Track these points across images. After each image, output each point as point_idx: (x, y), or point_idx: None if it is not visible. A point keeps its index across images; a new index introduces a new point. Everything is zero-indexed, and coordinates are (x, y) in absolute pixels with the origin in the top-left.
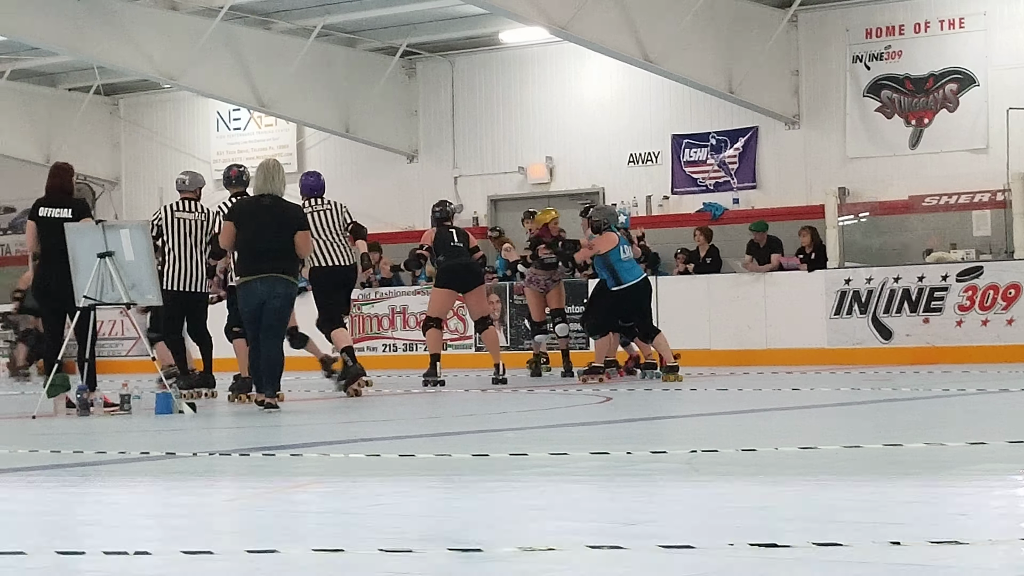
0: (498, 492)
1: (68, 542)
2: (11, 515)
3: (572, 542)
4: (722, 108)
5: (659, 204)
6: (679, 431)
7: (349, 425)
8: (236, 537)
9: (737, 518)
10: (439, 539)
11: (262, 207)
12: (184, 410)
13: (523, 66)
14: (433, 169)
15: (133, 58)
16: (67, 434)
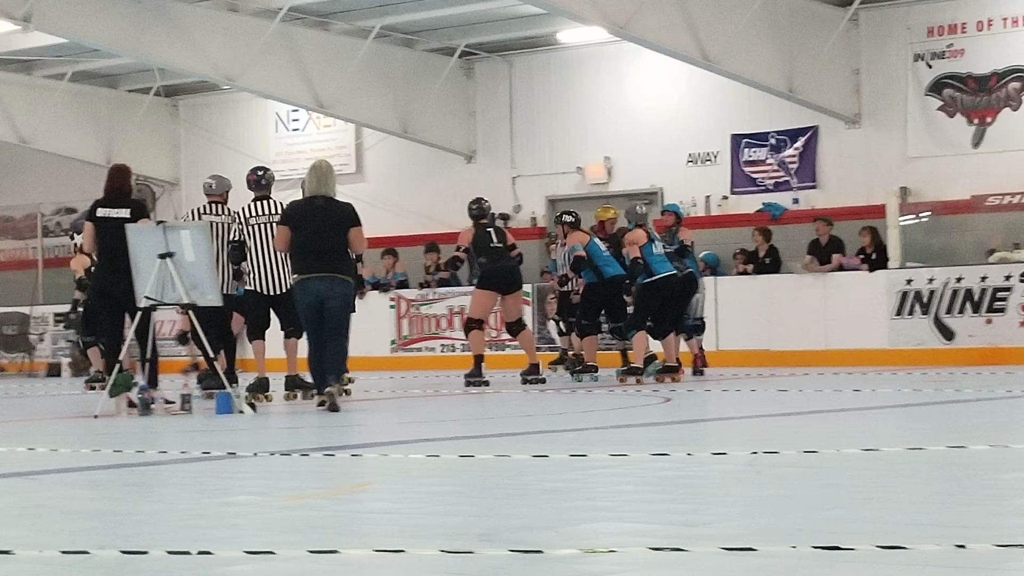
0: (558, 493)
1: (131, 541)
2: (75, 514)
3: (633, 544)
4: (782, 107)
5: (718, 204)
6: (740, 433)
7: (408, 426)
8: (297, 537)
9: (799, 520)
10: (500, 540)
11: (315, 208)
12: (244, 410)
13: (581, 66)
14: (491, 169)
15: (193, 60)
16: (129, 434)
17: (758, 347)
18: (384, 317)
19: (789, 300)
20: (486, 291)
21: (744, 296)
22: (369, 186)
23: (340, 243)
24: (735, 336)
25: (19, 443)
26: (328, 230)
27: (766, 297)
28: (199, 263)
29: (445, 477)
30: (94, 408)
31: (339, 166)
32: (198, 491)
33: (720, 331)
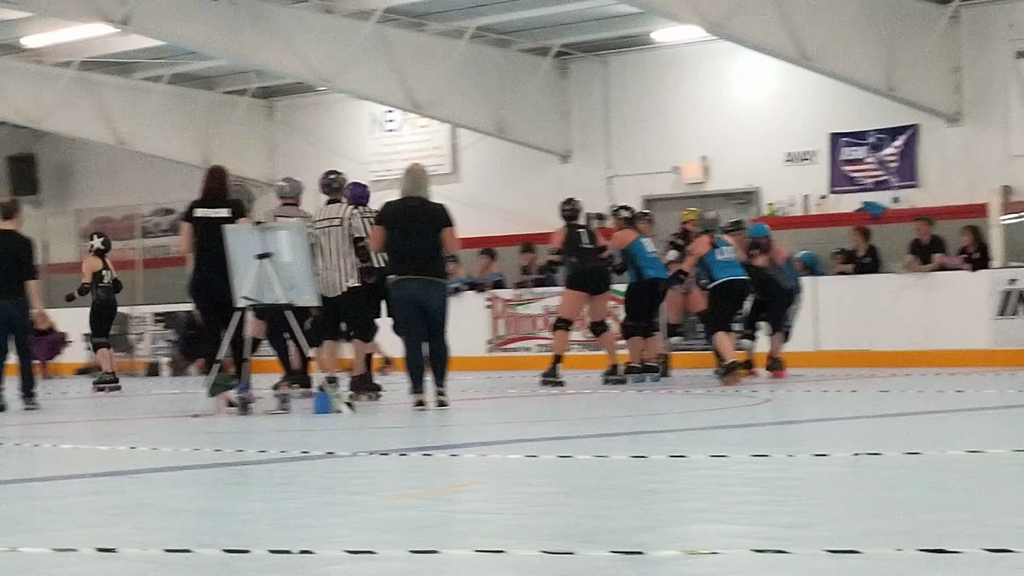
0: (659, 494)
1: (233, 540)
2: (177, 513)
3: (736, 545)
4: (881, 105)
5: (816, 204)
6: (841, 434)
7: (505, 426)
8: (398, 537)
9: (904, 522)
10: (601, 541)
11: (410, 209)
12: (342, 410)
13: (677, 65)
14: (586, 169)
15: (289, 61)
16: (229, 433)
17: (858, 347)
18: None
19: (889, 300)
20: (576, 291)
21: (843, 296)
22: (464, 187)
23: (434, 244)
24: (835, 336)
25: (121, 442)
26: (422, 231)
27: (866, 297)
28: (296, 263)
29: (545, 478)
30: (194, 407)
31: (434, 167)
32: (298, 490)
33: (819, 331)
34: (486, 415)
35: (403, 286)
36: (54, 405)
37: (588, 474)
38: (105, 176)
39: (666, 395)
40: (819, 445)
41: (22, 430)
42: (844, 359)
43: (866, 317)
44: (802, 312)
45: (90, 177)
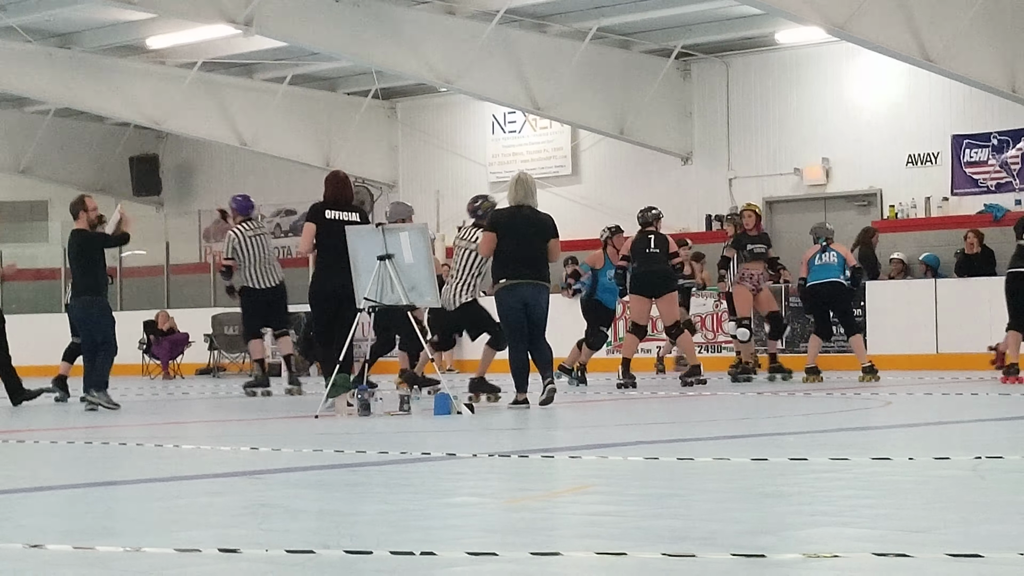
0: (780, 497)
1: (355, 541)
2: (299, 513)
3: (857, 549)
4: (1004, 107)
5: (938, 205)
6: (962, 436)
7: (625, 428)
8: (519, 538)
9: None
10: (722, 544)
11: (523, 217)
12: (462, 411)
13: (799, 66)
14: (707, 171)
15: (411, 62)
16: (349, 434)
17: (979, 350)
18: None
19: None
20: (636, 296)
21: (962, 298)
22: (585, 188)
23: (543, 251)
24: (955, 338)
25: (242, 442)
26: (534, 238)
27: (986, 299)
28: (417, 265)
29: (665, 480)
30: (315, 408)
31: (555, 168)
32: (419, 492)
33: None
34: (605, 417)
35: (515, 289)
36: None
37: (709, 476)
38: (227, 177)
39: (785, 396)
40: (940, 448)
41: (144, 431)
42: (964, 361)
43: (988, 320)
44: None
45: (212, 178)
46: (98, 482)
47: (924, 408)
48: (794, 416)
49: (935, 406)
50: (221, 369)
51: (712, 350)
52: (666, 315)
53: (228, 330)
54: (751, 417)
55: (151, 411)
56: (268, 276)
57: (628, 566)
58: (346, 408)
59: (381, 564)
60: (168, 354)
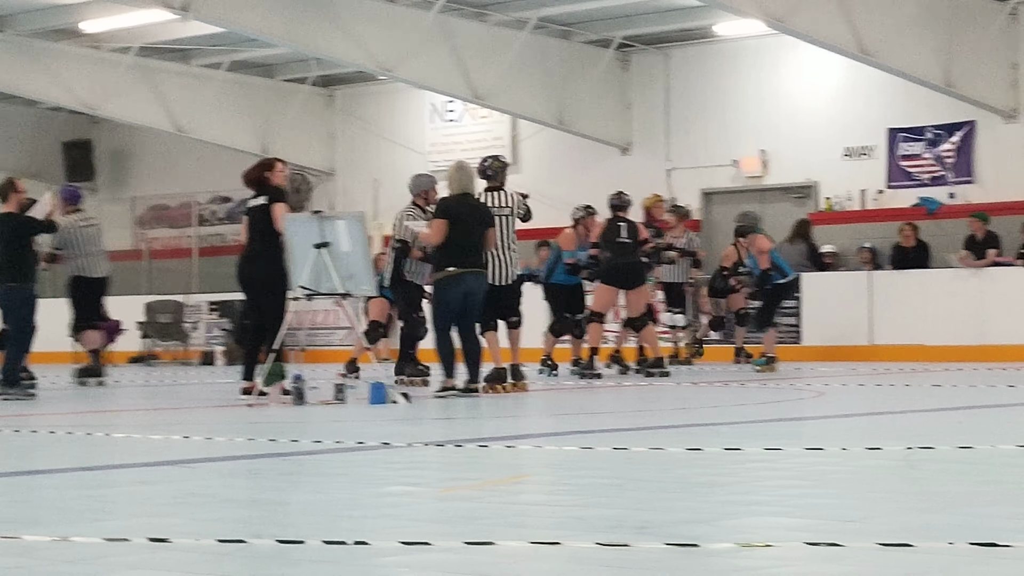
0: (714, 486)
1: (287, 531)
2: (231, 503)
3: (790, 539)
4: (939, 101)
5: (873, 198)
6: (894, 427)
7: (561, 417)
8: (453, 528)
9: (955, 516)
10: (655, 533)
11: (469, 205)
12: (398, 400)
13: (738, 58)
14: (646, 162)
15: (350, 50)
16: (283, 423)
17: (912, 342)
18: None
19: (944, 295)
20: (607, 286)
21: (897, 291)
22: (524, 177)
23: (481, 240)
24: (889, 331)
25: (174, 431)
26: (479, 227)
27: (920, 292)
28: (354, 253)
29: (600, 469)
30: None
31: None
32: (353, 481)
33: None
34: (542, 406)
35: (462, 279)
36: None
37: (643, 466)
38: (162, 163)
39: (721, 387)
40: (872, 439)
41: (74, 419)
42: (898, 353)
43: (921, 312)
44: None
45: (147, 164)
46: (25, 471)
47: (857, 399)
48: (729, 406)
49: (868, 397)
50: (154, 357)
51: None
52: (634, 307)
53: (161, 318)
54: (687, 407)
55: (82, 399)
56: (99, 266)
57: (562, 556)
58: (280, 397)
59: (314, 554)
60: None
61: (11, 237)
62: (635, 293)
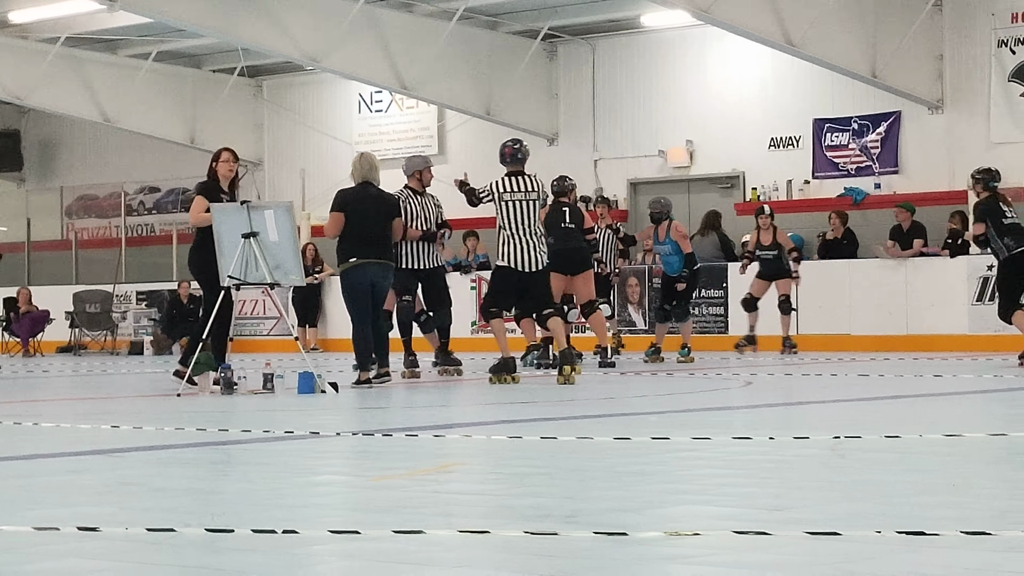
0: (642, 475)
1: (216, 520)
2: (160, 492)
3: (718, 527)
4: (865, 92)
5: (799, 188)
6: (821, 417)
7: (489, 407)
8: (382, 517)
9: (883, 505)
10: (584, 522)
11: (370, 196)
12: (326, 390)
13: (664, 49)
14: (573, 152)
15: (277, 40)
16: (212, 412)
17: (838, 331)
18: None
19: (869, 285)
20: (554, 273)
21: (824, 280)
22: (451, 167)
23: (389, 231)
24: (815, 320)
25: (103, 420)
26: (382, 218)
27: (846, 282)
28: (282, 243)
29: (528, 459)
30: (177, 387)
31: (421, 147)
32: (282, 470)
33: (801, 315)
34: (470, 396)
35: (365, 269)
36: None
37: (572, 455)
38: (90, 153)
39: (648, 376)
40: (800, 428)
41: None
42: (825, 343)
43: (847, 302)
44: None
45: (75, 154)
46: None
47: (784, 389)
48: (657, 396)
49: (795, 387)
50: (82, 347)
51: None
52: (583, 293)
53: (89, 308)
54: (615, 397)
55: (10, 389)
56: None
57: (491, 544)
58: (210, 387)
59: (243, 542)
60: (28, 331)
61: None
62: (582, 279)
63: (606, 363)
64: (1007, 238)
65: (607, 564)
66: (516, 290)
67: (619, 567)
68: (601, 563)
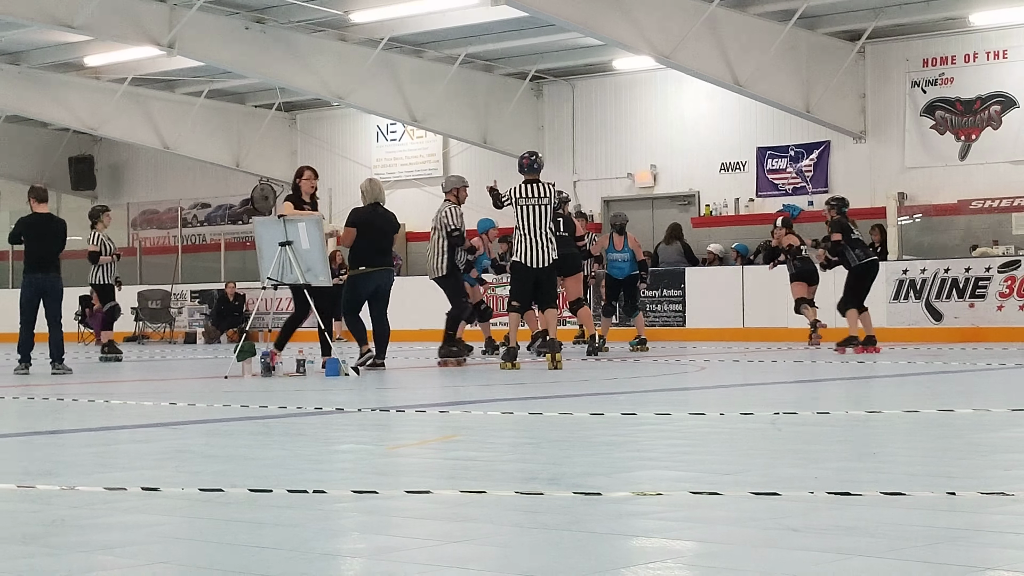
0: (613, 445)
1: (259, 481)
2: (211, 458)
3: (677, 488)
4: (800, 125)
5: (745, 205)
6: (763, 396)
7: (487, 388)
8: (395, 479)
9: (816, 470)
10: (565, 484)
11: (379, 215)
12: (349, 373)
13: (632, 88)
14: (556, 175)
15: (309, 80)
16: (254, 392)
17: (778, 325)
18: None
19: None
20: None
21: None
22: None
23: (392, 243)
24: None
25: (163, 399)
26: (389, 232)
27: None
28: (313, 250)
29: (519, 431)
30: (225, 370)
31: (429, 170)
32: (312, 440)
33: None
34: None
35: (371, 276)
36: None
37: (555, 428)
38: (151, 175)
39: (618, 363)
40: (745, 405)
41: (79, 388)
42: (766, 335)
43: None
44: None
45: (139, 176)
46: (41, 431)
47: (732, 372)
48: (627, 379)
49: (741, 371)
50: (145, 337)
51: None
52: (572, 291)
53: (151, 304)
54: (591, 379)
55: (85, 372)
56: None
57: (487, 502)
58: (251, 370)
59: (279, 500)
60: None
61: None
62: (572, 280)
63: (598, 349)
64: (857, 250)
65: (584, 519)
66: (532, 284)
67: (594, 522)
68: (579, 518)
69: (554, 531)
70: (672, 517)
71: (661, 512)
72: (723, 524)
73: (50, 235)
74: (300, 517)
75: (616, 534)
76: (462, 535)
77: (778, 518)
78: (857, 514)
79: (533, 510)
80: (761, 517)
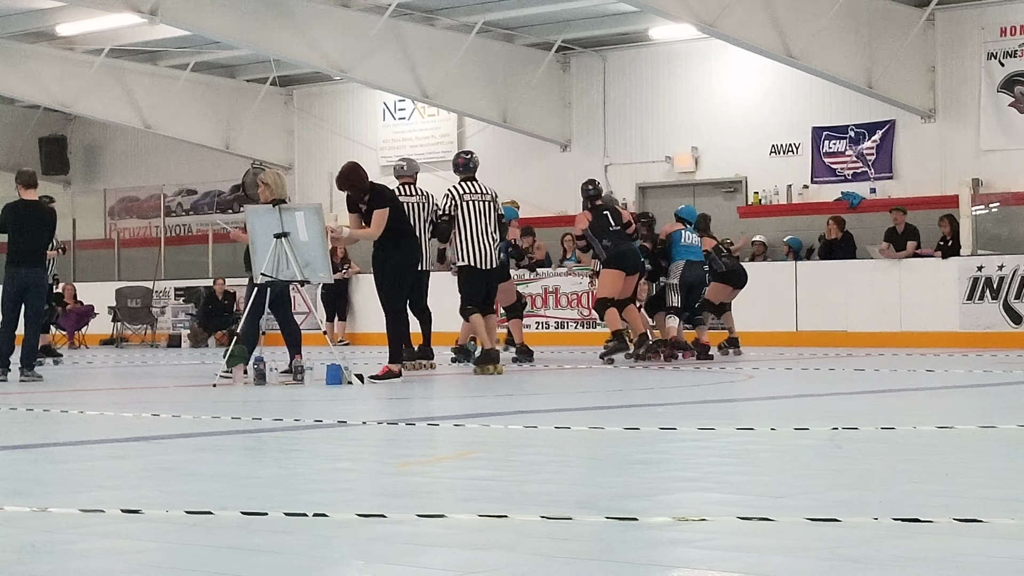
0: (650, 464)
1: (251, 503)
2: (198, 477)
3: (723, 513)
4: (861, 102)
5: (799, 193)
6: (820, 409)
7: (505, 398)
8: (406, 501)
9: (879, 493)
10: (596, 508)
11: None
12: (352, 381)
13: (671, 61)
14: (585, 158)
15: (307, 52)
16: (246, 402)
17: (835, 328)
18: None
19: (865, 284)
20: (614, 271)
21: (822, 280)
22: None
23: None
24: (814, 318)
25: (144, 409)
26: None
27: (843, 282)
28: (312, 243)
29: (543, 447)
30: (213, 377)
31: (442, 153)
32: (312, 457)
33: (800, 313)
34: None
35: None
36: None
37: (584, 444)
38: (131, 158)
39: (656, 370)
40: (799, 419)
41: (49, 397)
42: (823, 339)
43: (844, 301)
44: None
45: (117, 159)
46: (5, 446)
47: (785, 382)
48: (664, 388)
49: (794, 380)
50: (124, 340)
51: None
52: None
53: (131, 303)
54: (624, 389)
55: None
56: None
57: (508, 528)
58: (242, 377)
59: (276, 525)
60: (74, 325)
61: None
62: (632, 280)
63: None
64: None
65: (618, 548)
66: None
67: (629, 551)
68: (612, 547)
69: (584, 561)
70: (718, 546)
71: (705, 540)
72: (775, 554)
73: (37, 225)
74: (298, 543)
75: (654, 564)
76: (481, 565)
77: (837, 547)
78: (926, 544)
79: (560, 537)
80: (818, 546)
